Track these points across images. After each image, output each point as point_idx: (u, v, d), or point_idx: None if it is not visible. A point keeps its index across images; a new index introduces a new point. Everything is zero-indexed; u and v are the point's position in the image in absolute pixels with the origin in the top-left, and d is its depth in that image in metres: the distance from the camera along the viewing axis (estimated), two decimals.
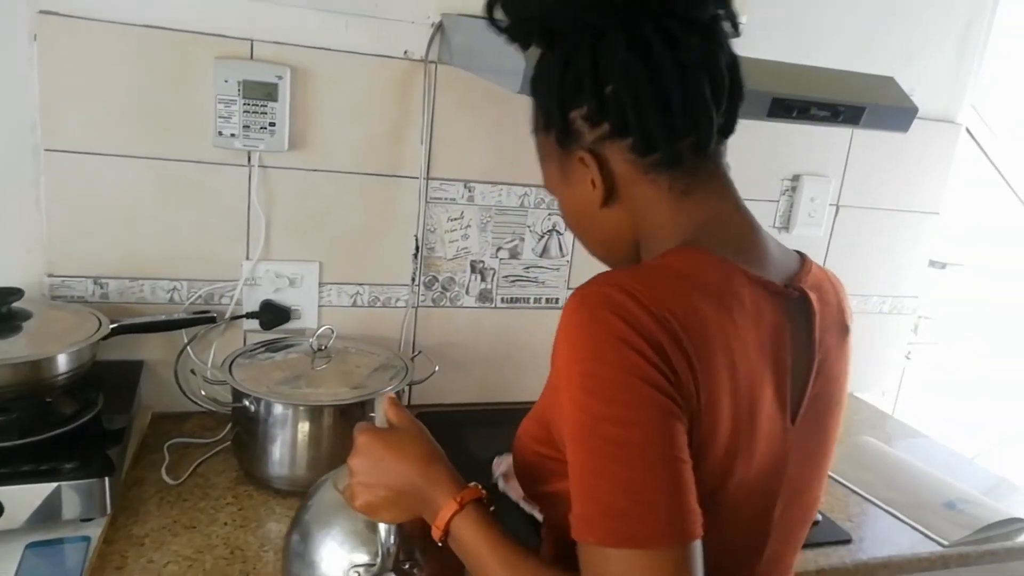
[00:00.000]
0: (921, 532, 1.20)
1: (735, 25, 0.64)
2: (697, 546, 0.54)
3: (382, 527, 0.70)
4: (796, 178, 1.60)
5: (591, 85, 0.62)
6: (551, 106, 0.65)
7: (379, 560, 0.70)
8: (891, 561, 1.13)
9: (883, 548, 1.15)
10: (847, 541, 1.15)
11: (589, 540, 0.54)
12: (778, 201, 1.60)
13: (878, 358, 1.82)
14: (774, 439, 0.63)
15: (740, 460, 0.60)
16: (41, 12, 1.10)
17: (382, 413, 0.75)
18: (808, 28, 1.50)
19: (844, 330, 0.72)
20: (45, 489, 0.91)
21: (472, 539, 0.63)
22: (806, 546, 1.12)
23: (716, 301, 0.59)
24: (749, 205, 0.70)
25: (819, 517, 1.19)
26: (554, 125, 0.66)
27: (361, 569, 0.70)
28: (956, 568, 1.18)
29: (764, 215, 1.58)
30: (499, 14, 0.65)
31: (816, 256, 1.66)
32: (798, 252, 0.73)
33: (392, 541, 0.70)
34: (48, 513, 0.91)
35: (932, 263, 1.81)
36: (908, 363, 1.89)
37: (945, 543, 1.17)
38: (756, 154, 1.53)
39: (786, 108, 0.97)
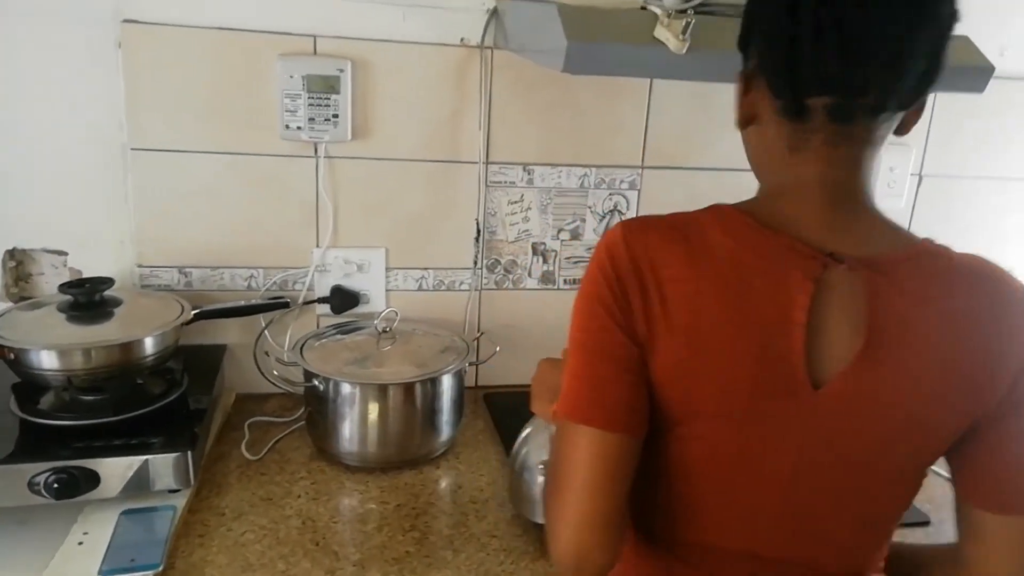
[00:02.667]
0: None
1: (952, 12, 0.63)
2: (614, 439, 0.65)
3: None
4: None
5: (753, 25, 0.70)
6: (742, 29, 0.72)
7: None
8: None
9: None
10: (924, 523, 1.10)
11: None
12: None
13: None
14: (775, 392, 0.65)
15: (723, 389, 0.65)
16: (125, 21, 1.18)
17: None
18: None
19: (955, 328, 0.65)
20: (136, 461, 0.99)
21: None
22: None
23: (707, 252, 0.66)
24: None
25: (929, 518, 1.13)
26: (739, 42, 0.72)
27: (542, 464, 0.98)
28: None
29: None
30: None
31: None
32: (926, 240, 0.69)
33: None
34: (139, 483, 0.99)
35: None
36: None
37: None
38: None
39: None
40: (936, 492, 1.19)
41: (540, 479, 1.00)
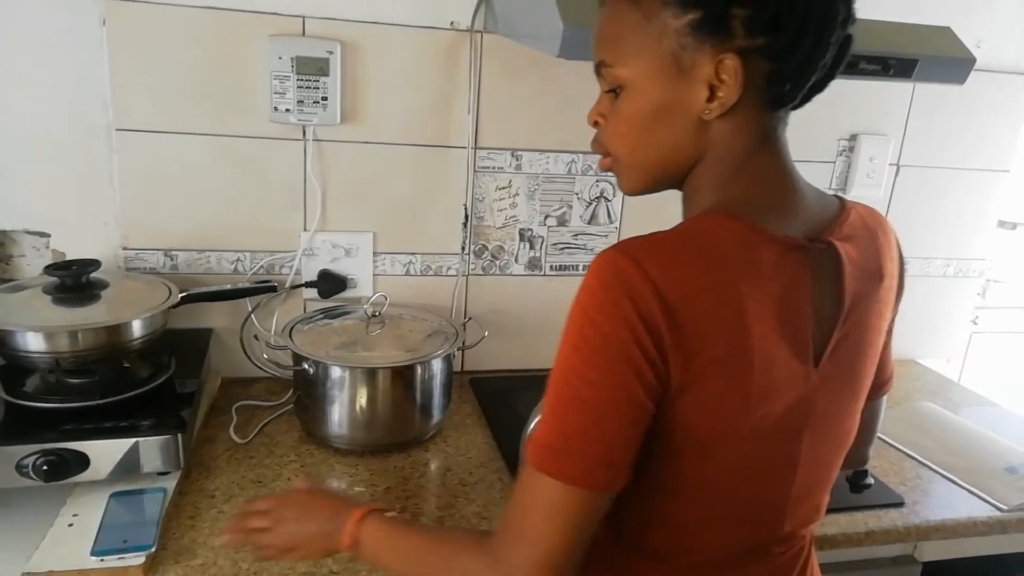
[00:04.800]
0: (979, 496, 1.17)
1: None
2: (599, 498, 0.61)
3: None
4: (854, 137, 1.55)
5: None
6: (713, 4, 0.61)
7: None
8: (944, 525, 1.11)
9: (937, 512, 1.13)
10: (899, 504, 1.14)
11: (528, 461, 0.62)
12: (834, 162, 1.56)
13: (942, 323, 1.76)
14: (794, 381, 0.66)
15: (757, 403, 0.64)
16: None
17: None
18: None
19: (878, 276, 0.72)
20: (125, 444, 0.99)
21: (383, 534, 0.73)
22: (856, 508, 1.12)
23: (730, 268, 0.62)
24: (803, 167, 0.70)
25: (872, 480, 1.18)
26: (705, 8, 0.61)
27: None
28: (1014, 534, 1.15)
29: (820, 177, 1.54)
30: None
31: None
32: (838, 198, 0.73)
33: None
34: (129, 466, 0.99)
35: (1002, 223, 1.74)
36: (975, 328, 1.82)
37: (1004, 508, 1.14)
38: (810, 113, 1.47)
39: None
40: (909, 475, 1.24)
41: None
